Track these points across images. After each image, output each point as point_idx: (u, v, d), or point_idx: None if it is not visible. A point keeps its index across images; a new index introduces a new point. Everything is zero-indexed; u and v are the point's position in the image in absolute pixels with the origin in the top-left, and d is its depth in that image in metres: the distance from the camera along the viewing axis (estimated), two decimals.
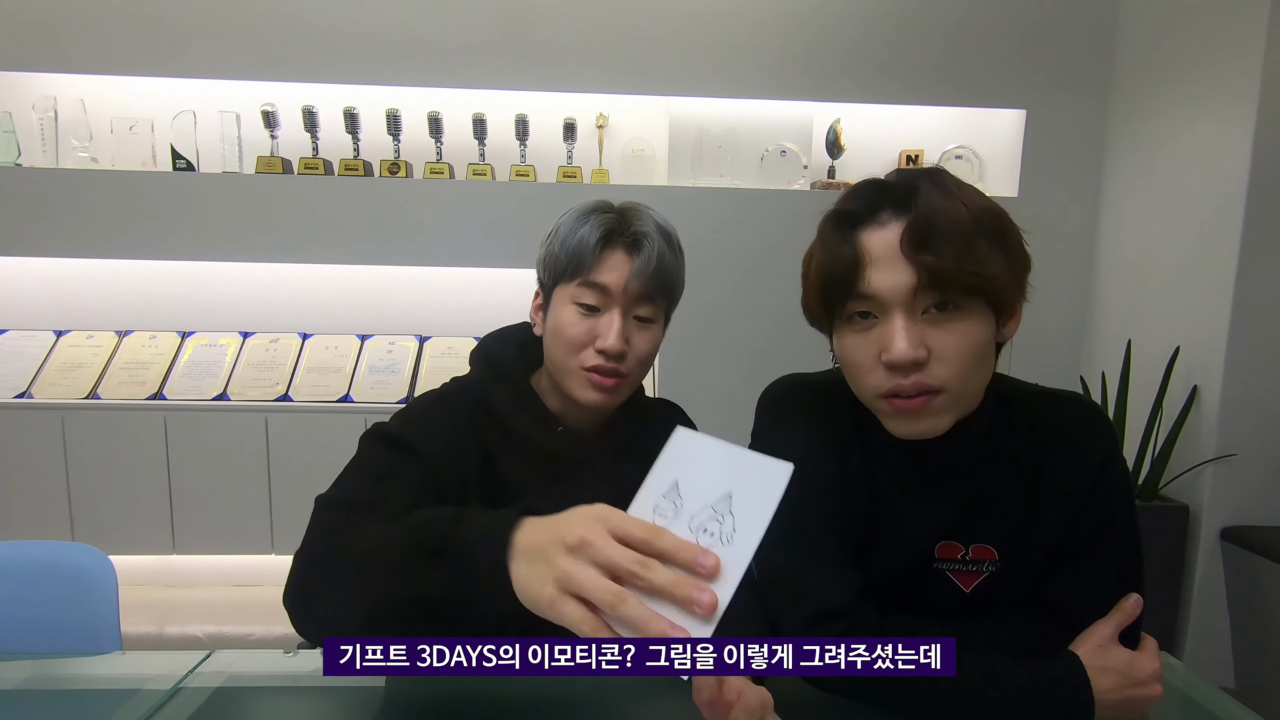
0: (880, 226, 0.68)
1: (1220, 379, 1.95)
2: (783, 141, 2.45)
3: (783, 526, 0.78)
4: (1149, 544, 0.77)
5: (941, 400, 0.68)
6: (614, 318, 0.83)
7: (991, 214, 0.69)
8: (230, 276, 2.43)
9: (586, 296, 0.83)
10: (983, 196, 0.70)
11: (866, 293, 0.67)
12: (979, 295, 0.67)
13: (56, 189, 2.25)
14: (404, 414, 0.87)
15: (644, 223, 0.85)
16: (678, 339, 2.43)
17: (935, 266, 0.65)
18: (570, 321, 0.84)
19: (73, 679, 0.90)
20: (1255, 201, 1.89)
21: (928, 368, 0.67)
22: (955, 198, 0.67)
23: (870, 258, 0.67)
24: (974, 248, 0.66)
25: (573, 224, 0.84)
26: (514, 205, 2.34)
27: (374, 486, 0.75)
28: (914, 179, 0.69)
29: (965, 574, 0.78)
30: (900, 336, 0.66)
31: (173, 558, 2.29)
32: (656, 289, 0.85)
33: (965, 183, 0.71)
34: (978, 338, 0.68)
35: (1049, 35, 2.41)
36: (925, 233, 0.65)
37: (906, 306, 0.67)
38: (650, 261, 0.83)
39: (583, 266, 0.82)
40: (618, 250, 0.83)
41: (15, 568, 1.01)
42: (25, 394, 2.21)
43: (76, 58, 2.29)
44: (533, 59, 2.35)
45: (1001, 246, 0.68)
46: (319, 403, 2.25)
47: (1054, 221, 2.45)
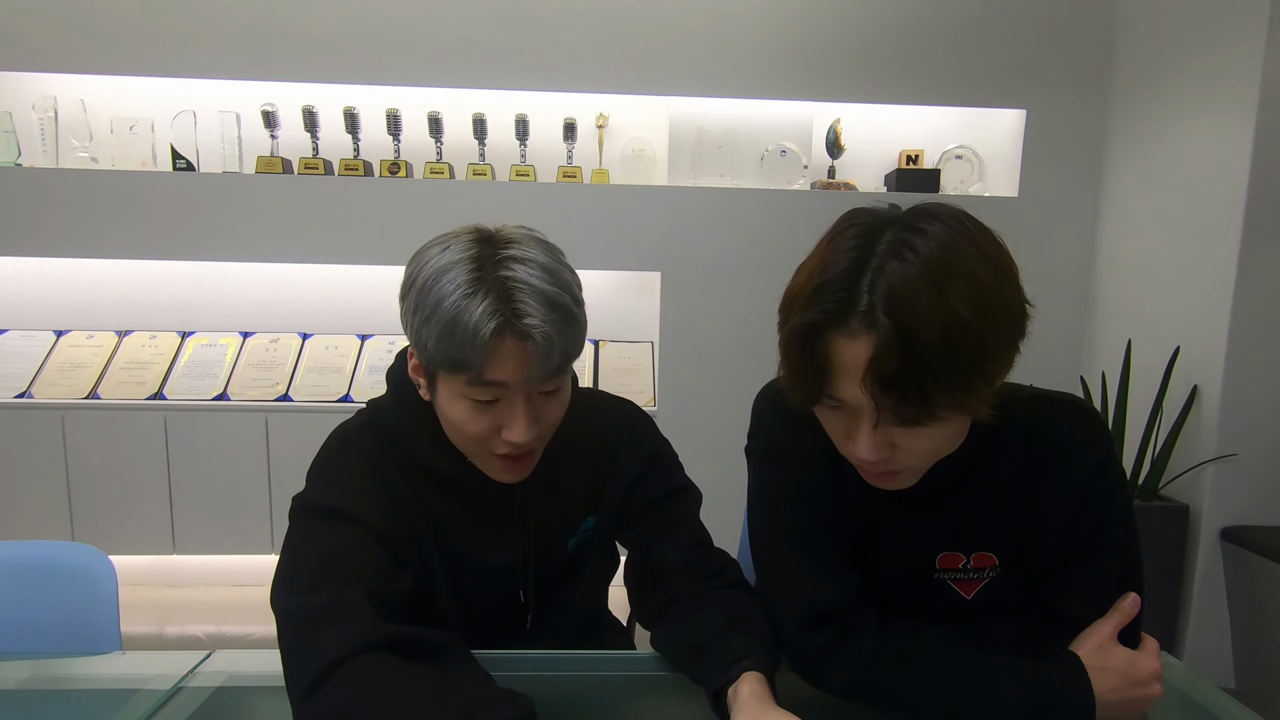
0: (850, 338, 0.61)
1: (1220, 379, 1.95)
2: (783, 141, 2.45)
3: (781, 529, 0.80)
4: (1149, 544, 0.77)
5: (904, 475, 0.69)
6: (517, 410, 0.73)
7: (973, 327, 0.59)
8: (230, 276, 2.43)
9: (481, 394, 0.72)
10: (974, 280, 0.60)
11: (835, 396, 0.64)
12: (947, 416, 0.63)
13: (56, 189, 2.25)
14: (321, 475, 0.81)
15: (530, 297, 0.69)
16: (677, 339, 2.45)
17: (895, 410, 0.61)
18: (466, 419, 0.74)
19: (73, 679, 0.90)
20: (1255, 201, 1.88)
21: (894, 458, 0.67)
22: (934, 306, 0.58)
23: (839, 370, 0.62)
24: (943, 381, 0.59)
25: (447, 310, 0.68)
26: (514, 205, 2.34)
27: (322, 583, 0.69)
28: (885, 262, 0.60)
29: (966, 581, 0.78)
30: (863, 442, 0.65)
31: (173, 558, 2.29)
32: (560, 364, 0.73)
33: (957, 244, 0.61)
34: (950, 429, 0.66)
35: (1049, 35, 2.41)
36: (887, 374, 0.59)
37: (874, 419, 0.63)
38: (552, 347, 0.70)
39: (470, 365, 0.69)
40: (508, 340, 0.69)
41: (15, 568, 1.01)
42: (25, 394, 2.21)
43: (76, 58, 2.29)
44: (533, 59, 2.35)
45: (985, 359, 0.61)
46: (319, 403, 2.25)
47: (1054, 221, 2.45)
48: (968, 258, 0.60)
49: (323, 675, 0.63)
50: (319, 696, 0.63)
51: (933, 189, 2.41)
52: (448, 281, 0.69)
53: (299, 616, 0.68)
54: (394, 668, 0.64)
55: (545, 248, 0.74)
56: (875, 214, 0.65)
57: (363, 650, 0.64)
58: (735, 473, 0.90)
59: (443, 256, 0.72)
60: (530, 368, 0.70)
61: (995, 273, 0.61)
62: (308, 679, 0.64)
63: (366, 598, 0.68)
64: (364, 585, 0.69)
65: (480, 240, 0.73)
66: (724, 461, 1.21)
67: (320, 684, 0.63)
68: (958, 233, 0.62)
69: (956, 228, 0.62)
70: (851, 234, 0.63)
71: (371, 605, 0.68)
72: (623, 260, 2.38)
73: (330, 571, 0.70)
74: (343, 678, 0.63)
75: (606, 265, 2.37)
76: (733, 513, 1.12)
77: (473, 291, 0.68)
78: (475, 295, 0.68)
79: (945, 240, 0.61)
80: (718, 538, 0.95)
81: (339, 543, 0.73)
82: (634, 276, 2.43)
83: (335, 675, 0.63)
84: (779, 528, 0.80)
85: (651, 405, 2.41)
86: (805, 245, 0.75)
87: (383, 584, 0.71)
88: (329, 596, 0.68)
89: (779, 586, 0.79)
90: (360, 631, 0.65)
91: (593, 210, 2.35)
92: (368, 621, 0.66)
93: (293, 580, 0.71)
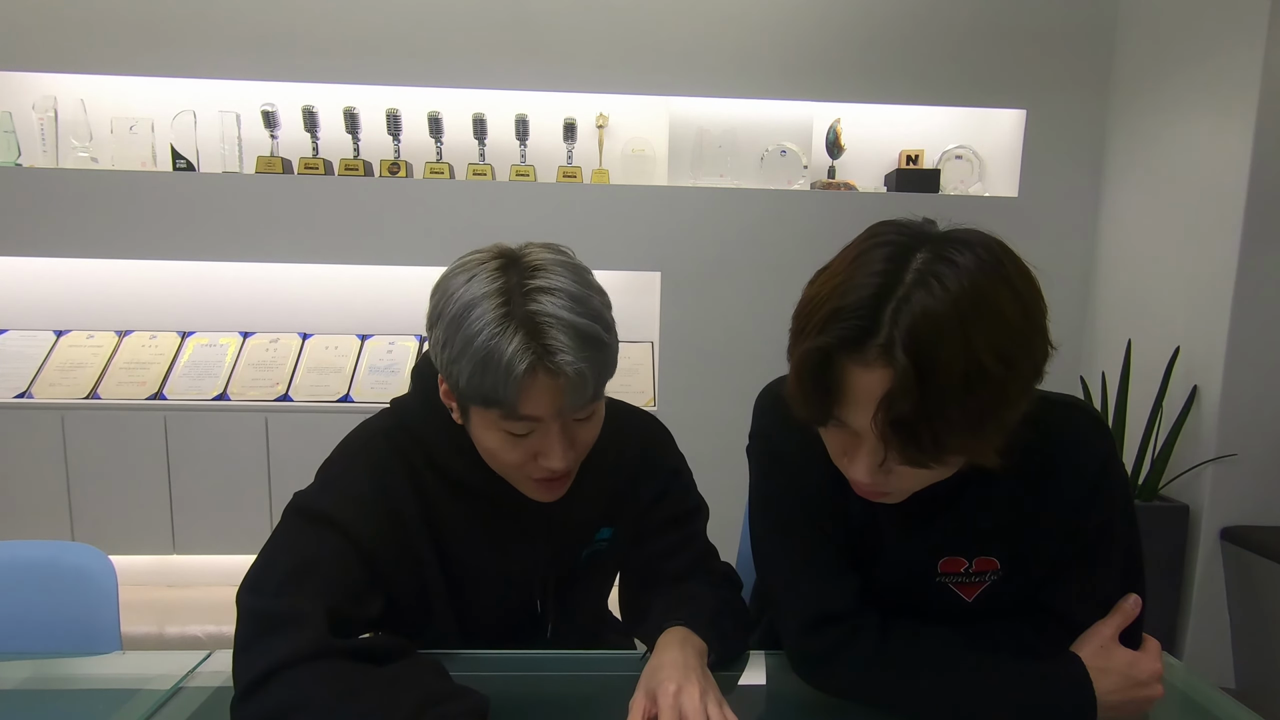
0: (866, 368, 0.58)
1: (1220, 379, 1.95)
2: (783, 141, 2.45)
3: (782, 530, 0.80)
4: (1149, 544, 0.77)
5: (898, 495, 0.69)
6: (553, 439, 0.73)
7: (996, 375, 0.56)
8: (230, 276, 2.43)
9: (515, 428, 0.72)
10: (1001, 319, 0.57)
11: (841, 419, 0.63)
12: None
13: (56, 189, 2.25)
14: (326, 477, 0.80)
15: (561, 332, 0.68)
16: (676, 339, 2.45)
17: (902, 450, 0.59)
18: (501, 448, 0.74)
19: (73, 679, 0.90)
20: (1255, 201, 1.88)
21: (887, 481, 0.66)
22: (958, 344, 0.55)
23: (849, 397, 0.60)
24: (955, 428, 0.57)
25: (479, 349, 0.67)
26: (514, 205, 2.34)
27: (289, 590, 0.70)
28: (910, 292, 0.56)
29: (968, 585, 0.78)
30: (860, 466, 0.64)
31: (173, 558, 2.29)
32: (594, 394, 0.72)
33: (987, 278, 0.57)
34: (949, 469, 0.65)
35: (1049, 35, 2.41)
36: (901, 415, 0.57)
37: (877, 453, 0.62)
38: (585, 380, 0.69)
39: (504, 403, 0.69)
40: (540, 377, 0.68)
41: (15, 568, 1.01)
42: (25, 394, 2.21)
43: (76, 58, 2.29)
44: (533, 59, 2.35)
45: (1005, 407, 0.59)
46: (319, 403, 2.25)
47: (1054, 221, 2.45)
48: (998, 297, 0.57)
49: (263, 678, 0.64)
50: (255, 698, 0.64)
51: (933, 189, 2.41)
52: (476, 318, 0.68)
53: (257, 617, 0.68)
54: (341, 673, 0.65)
55: (572, 271, 0.72)
56: (907, 231, 0.61)
57: (309, 659, 0.65)
58: (735, 473, 0.90)
59: (469, 289, 0.69)
60: (564, 400, 0.70)
61: (1024, 316, 0.59)
62: (247, 680, 0.65)
63: (326, 613, 0.68)
64: (327, 601, 0.69)
65: (505, 267, 0.71)
66: (724, 461, 1.21)
67: (258, 687, 0.64)
68: (991, 267, 0.58)
69: (990, 261, 0.58)
70: (880, 255, 0.59)
71: (329, 621, 0.68)
72: (623, 260, 2.38)
73: (300, 581, 0.70)
74: (282, 682, 0.63)
75: (606, 265, 2.36)
76: (733, 513, 1.13)
77: (502, 329, 0.67)
78: (505, 332, 0.67)
79: (977, 275, 0.57)
80: (717, 537, 0.96)
81: (318, 554, 0.73)
82: (634, 276, 2.43)
83: (275, 680, 0.64)
84: (780, 529, 0.80)
85: (651, 405, 2.40)
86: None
87: (348, 604, 0.72)
88: (290, 604, 0.68)
89: (780, 588, 0.79)
90: (310, 641, 0.66)
91: (593, 210, 2.35)
92: (319, 633, 0.66)
93: (261, 580, 0.72)
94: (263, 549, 0.75)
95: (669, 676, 0.70)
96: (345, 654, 0.67)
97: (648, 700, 0.69)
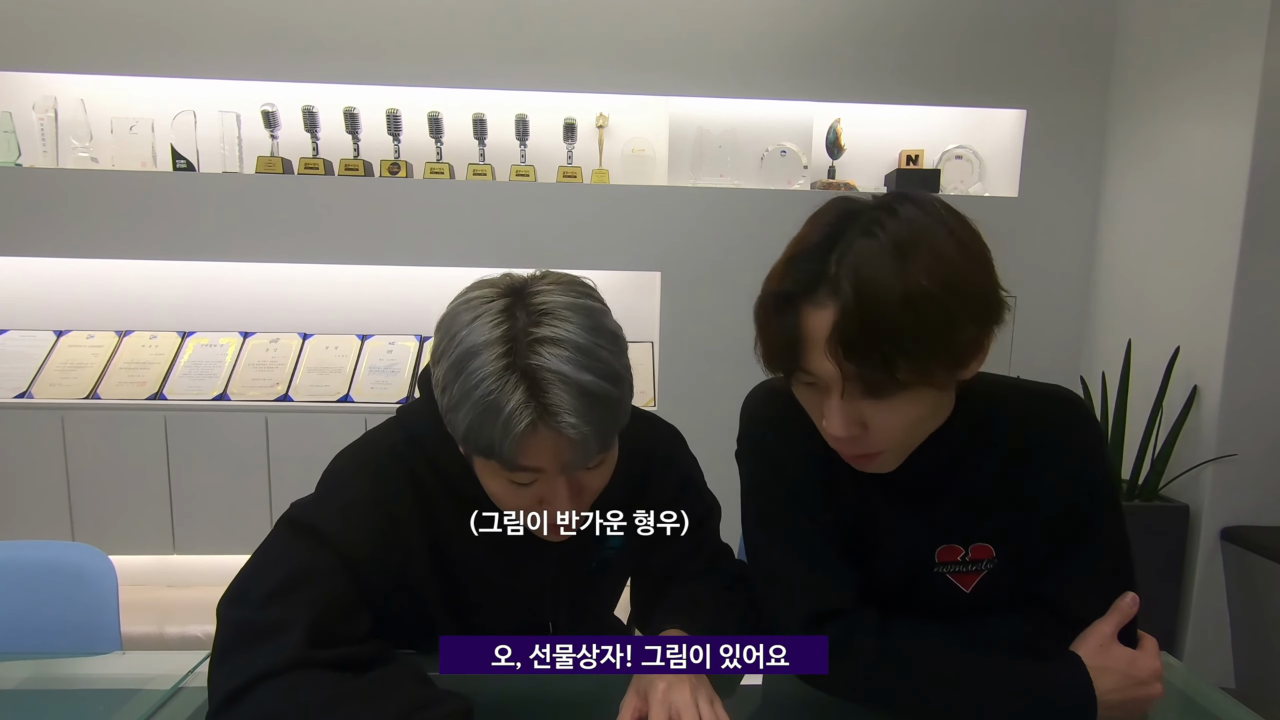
0: (819, 308, 0.62)
1: (1220, 379, 1.95)
2: (783, 141, 2.45)
3: (775, 529, 0.80)
4: (1149, 544, 0.78)
5: (883, 457, 0.70)
6: (558, 489, 0.70)
7: (937, 297, 0.60)
8: (230, 276, 2.44)
9: (518, 478, 0.70)
10: (939, 255, 0.61)
11: (807, 369, 0.66)
12: (913, 386, 0.64)
13: (56, 189, 2.25)
14: (325, 488, 0.79)
15: (565, 390, 0.64)
16: (676, 339, 2.44)
17: (858, 375, 0.62)
18: (504, 495, 0.72)
19: (73, 679, 0.90)
20: (1255, 201, 1.88)
21: (866, 438, 0.67)
22: (897, 275, 0.60)
23: (808, 340, 0.64)
24: (907, 351, 0.60)
25: (478, 402, 0.65)
26: (514, 205, 2.34)
27: (273, 603, 0.68)
28: (854, 239, 0.62)
29: (965, 575, 0.79)
30: (834, 417, 0.66)
31: (173, 558, 2.29)
32: (599, 450, 0.69)
33: (926, 225, 0.63)
34: (921, 409, 0.67)
35: (1049, 35, 2.41)
36: (850, 337, 0.61)
37: (841, 389, 0.64)
38: (587, 441, 0.66)
39: (502, 458, 0.67)
40: (541, 432, 0.65)
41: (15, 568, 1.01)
42: (25, 394, 2.21)
43: (76, 58, 2.29)
44: (533, 59, 2.35)
45: (949, 330, 0.62)
46: (319, 403, 2.25)
47: (1054, 221, 2.45)
48: (935, 236, 0.62)
49: (240, 691, 0.63)
50: (232, 711, 0.63)
51: (933, 189, 2.41)
52: (477, 369, 0.65)
53: (238, 628, 0.67)
54: (320, 683, 0.64)
55: (583, 315, 0.68)
56: (854, 199, 0.67)
57: (287, 670, 0.63)
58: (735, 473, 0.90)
59: (472, 332, 0.66)
60: (565, 458, 0.68)
61: (963, 252, 0.63)
62: (224, 692, 0.63)
63: (308, 627, 0.66)
64: (311, 614, 0.67)
65: (511, 308, 0.67)
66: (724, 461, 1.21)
67: (235, 700, 0.63)
68: (929, 215, 0.64)
69: (930, 211, 0.64)
70: (829, 214, 0.66)
71: (308, 635, 0.66)
72: (623, 260, 2.38)
73: (286, 595, 0.68)
74: (259, 695, 0.62)
75: (606, 265, 2.36)
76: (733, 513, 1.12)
77: (501, 384, 0.64)
78: (504, 387, 0.64)
79: (916, 220, 0.63)
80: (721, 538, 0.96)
81: (304, 567, 0.71)
82: (634, 276, 2.43)
83: (251, 693, 0.62)
84: (773, 528, 0.80)
85: (651, 405, 2.41)
86: None
87: (333, 619, 0.69)
88: (273, 616, 0.67)
89: (776, 587, 0.78)
90: (290, 653, 0.64)
91: (593, 210, 2.35)
92: (298, 647, 0.65)
93: (246, 592, 0.70)
94: (250, 558, 0.74)
95: (659, 675, 0.69)
96: (325, 665, 0.66)
97: (639, 699, 0.69)
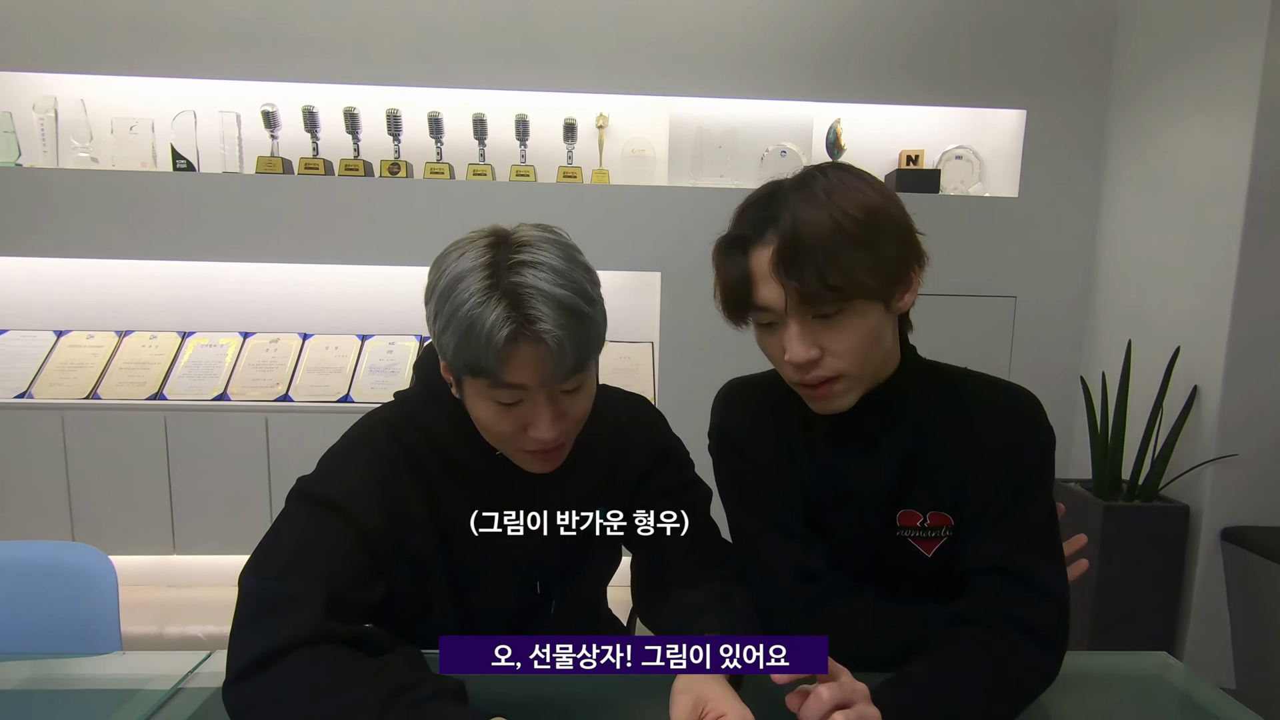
0: (765, 245, 0.75)
1: (1220, 379, 1.95)
2: (783, 141, 2.45)
3: (752, 510, 0.86)
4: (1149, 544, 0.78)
5: (842, 384, 0.78)
6: (540, 409, 0.75)
7: (857, 219, 0.73)
8: (230, 276, 2.43)
9: (502, 396, 0.75)
10: (858, 195, 0.74)
11: (760, 304, 0.77)
12: (852, 299, 0.74)
13: (56, 189, 2.25)
14: (329, 464, 0.83)
15: (541, 302, 0.70)
16: (676, 339, 2.44)
17: (799, 290, 0.73)
18: (492, 419, 0.77)
19: (73, 679, 0.90)
20: (1255, 201, 1.89)
21: (824, 362, 0.77)
22: (824, 207, 0.73)
23: (757, 275, 0.76)
24: (837, 261, 0.72)
25: (463, 318, 0.70)
26: (514, 205, 2.34)
27: (290, 573, 0.72)
28: (789, 192, 0.76)
29: (926, 540, 0.85)
30: (793, 342, 0.76)
31: (173, 558, 2.29)
32: (576, 365, 0.74)
33: (847, 179, 0.76)
34: (866, 328, 0.76)
35: (1049, 35, 2.41)
36: (789, 256, 0.73)
37: (795, 314, 0.75)
38: (564, 350, 0.71)
39: (488, 371, 0.72)
40: (521, 346, 0.71)
41: (15, 568, 1.01)
42: (25, 394, 2.21)
43: (76, 58, 2.29)
44: (533, 59, 2.35)
45: (870, 246, 0.73)
46: (319, 403, 2.25)
47: (1054, 221, 2.45)
48: (857, 184, 0.76)
49: (258, 663, 0.65)
50: (249, 682, 0.65)
51: (933, 189, 2.41)
52: (463, 289, 0.71)
53: (256, 599, 0.71)
54: (329, 659, 0.66)
55: (559, 248, 0.75)
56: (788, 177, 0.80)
57: (303, 644, 0.66)
58: None
59: (459, 263, 0.73)
60: (546, 370, 0.72)
61: (880, 195, 0.76)
62: (243, 662, 0.66)
63: (325, 598, 0.70)
64: (328, 585, 0.71)
65: (495, 244, 0.74)
66: None
67: (253, 671, 0.65)
68: (853, 174, 0.77)
69: (854, 172, 0.77)
70: (769, 184, 0.80)
71: (326, 607, 0.69)
72: (623, 260, 2.37)
73: (301, 564, 0.72)
74: (277, 668, 0.65)
75: (606, 265, 2.33)
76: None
77: (485, 300, 0.70)
78: (488, 302, 0.70)
79: (841, 176, 0.76)
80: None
81: (319, 539, 0.75)
82: (634, 276, 2.43)
83: (270, 665, 0.65)
84: (750, 508, 0.88)
85: None
86: None
87: (349, 589, 0.73)
88: (290, 587, 0.70)
89: (753, 557, 0.86)
90: (305, 626, 0.67)
91: (593, 210, 2.35)
92: (315, 619, 0.68)
93: (264, 563, 0.74)
94: (266, 533, 0.77)
95: (718, 701, 0.68)
96: (342, 639, 0.68)
97: (693, 712, 0.68)
